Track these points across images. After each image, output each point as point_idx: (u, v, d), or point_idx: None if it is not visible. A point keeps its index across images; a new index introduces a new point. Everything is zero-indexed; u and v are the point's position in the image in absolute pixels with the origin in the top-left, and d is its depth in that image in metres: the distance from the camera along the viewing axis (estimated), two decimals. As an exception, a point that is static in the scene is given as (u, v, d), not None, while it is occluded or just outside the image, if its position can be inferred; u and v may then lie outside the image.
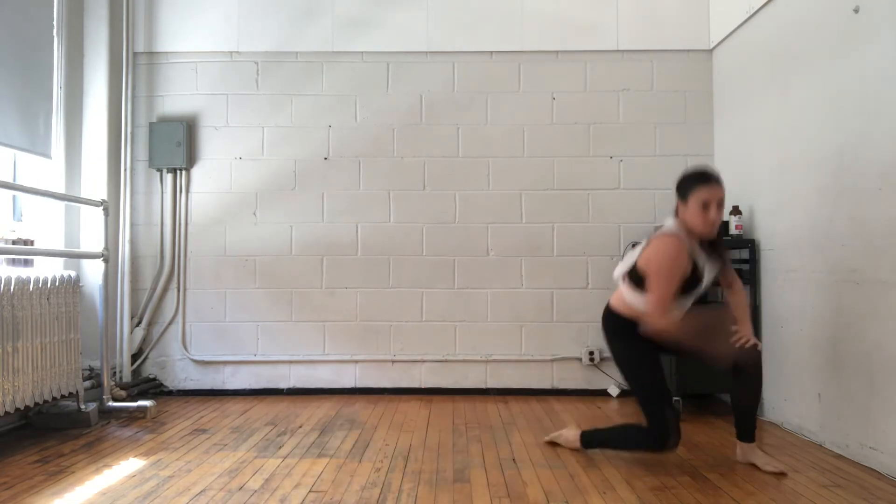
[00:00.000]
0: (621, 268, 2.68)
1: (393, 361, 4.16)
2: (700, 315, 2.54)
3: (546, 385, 4.15)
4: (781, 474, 2.54)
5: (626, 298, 2.63)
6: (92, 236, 3.88)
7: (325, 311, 4.18)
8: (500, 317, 4.17)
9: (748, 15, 3.65)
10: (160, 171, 4.22)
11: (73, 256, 3.62)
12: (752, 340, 2.58)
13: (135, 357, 4.12)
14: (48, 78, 3.73)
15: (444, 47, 4.23)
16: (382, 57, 4.24)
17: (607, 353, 4.11)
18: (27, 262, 3.54)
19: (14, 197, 3.65)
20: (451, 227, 4.20)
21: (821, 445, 2.97)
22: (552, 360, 4.16)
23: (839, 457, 2.80)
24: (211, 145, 4.23)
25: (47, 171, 3.73)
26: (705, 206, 2.44)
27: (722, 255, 2.61)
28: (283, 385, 4.17)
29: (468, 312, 4.17)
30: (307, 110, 4.23)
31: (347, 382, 4.18)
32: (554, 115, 4.22)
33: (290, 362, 4.17)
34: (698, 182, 2.47)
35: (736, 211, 3.63)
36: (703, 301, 3.78)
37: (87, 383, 3.56)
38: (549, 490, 2.39)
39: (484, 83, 4.23)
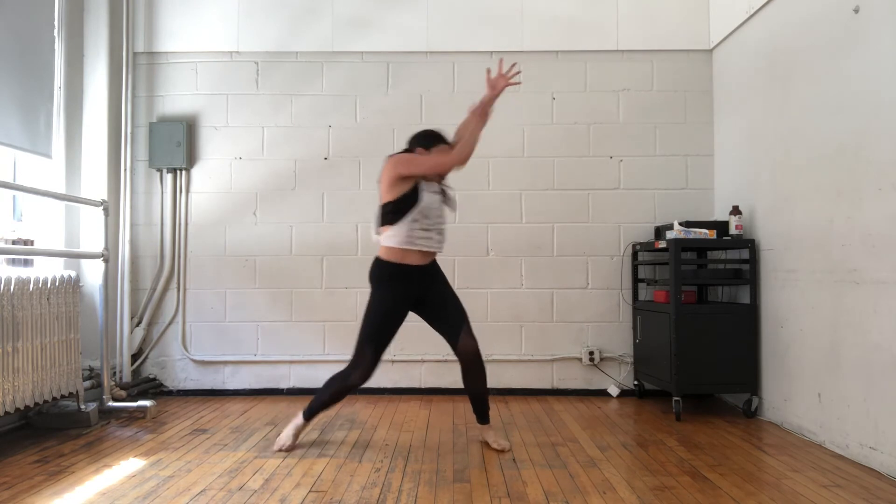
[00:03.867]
0: (374, 226, 2.95)
1: (393, 361, 4.16)
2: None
3: (546, 385, 4.15)
4: (503, 451, 2.87)
5: (384, 242, 2.84)
6: (92, 236, 3.88)
7: (325, 311, 4.18)
8: (500, 317, 4.17)
9: (748, 15, 3.65)
10: (160, 171, 4.22)
11: (73, 256, 3.62)
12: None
13: (135, 357, 4.12)
14: (49, 78, 3.73)
15: (444, 47, 4.23)
16: (382, 57, 4.25)
17: (607, 353, 4.14)
18: (27, 262, 3.54)
19: (14, 197, 3.65)
20: (451, 227, 4.19)
21: (821, 445, 2.97)
22: (552, 360, 4.16)
23: (839, 457, 2.80)
24: (211, 145, 4.23)
25: (47, 170, 3.73)
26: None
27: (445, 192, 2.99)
28: (283, 385, 4.17)
29: (468, 312, 4.16)
30: (307, 110, 4.23)
31: (347, 382, 4.17)
32: (554, 115, 4.22)
33: (290, 362, 4.17)
34: (439, 140, 2.93)
35: (736, 211, 3.63)
36: (704, 301, 3.79)
37: (87, 383, 3.56)
38: (549, 490, 2.39)
39: (484, 83, 4.21)
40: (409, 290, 2.86)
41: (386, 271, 2.84)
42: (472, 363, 2.92)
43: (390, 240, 2.81)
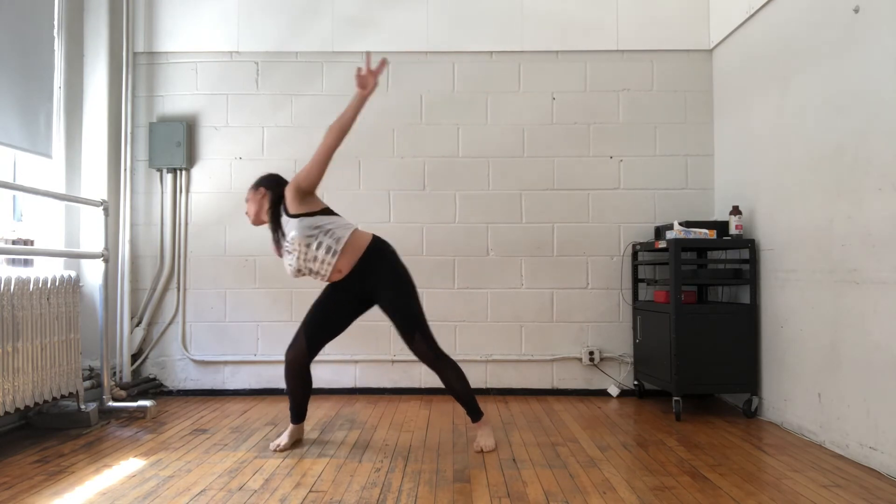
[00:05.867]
0: None
1: (393, 361, 4.16)
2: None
3: (546, 385, 4.15)
4: (482, 451, 2.87)
5: None
6: (92, 236, 3.88)
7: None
8: (500, 317, 4.17)
9: (748, 15, 3.66)
10: (160, 171, 4.22)
11: (73, 256, 3.62)
12: None
13: (135, 357, 4.12)
14: (48, 78, 3.73)
15: (444, 47, 4.23)
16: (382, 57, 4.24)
17: (607, 353, 4.14)
18: (27, 262, 3.54)
19: (14, 197, 3.65)
20: (451, 227, 4.20)
21: (821, 445, 2.97)
22: (552, 360, 4.16)
23: (839, 457, 2.80)
24: (211, 145, 4.24)
25: (47, 170, 3.73)
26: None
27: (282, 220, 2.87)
28: (283, 385, 4.16)
29: (468, 312, 4.17)
30: (307, 110, 4.23)
31: (347, 382, 4.18)
32: (554, 115, 4.22)
33: (290, 362, 4.16)
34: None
35: (736, 211, 3.63)
36: (704, 301, 3.79)
37: (87, 383, 3.56)
38: (549, 490, 2.39)
39: (484, 83, 4.23)
40: (335, 290, 2.94)
41: None
42: (432, 366, 2.88)
43: None
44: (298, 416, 3.02)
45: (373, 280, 2.84)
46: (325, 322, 2.94)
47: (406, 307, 2.84)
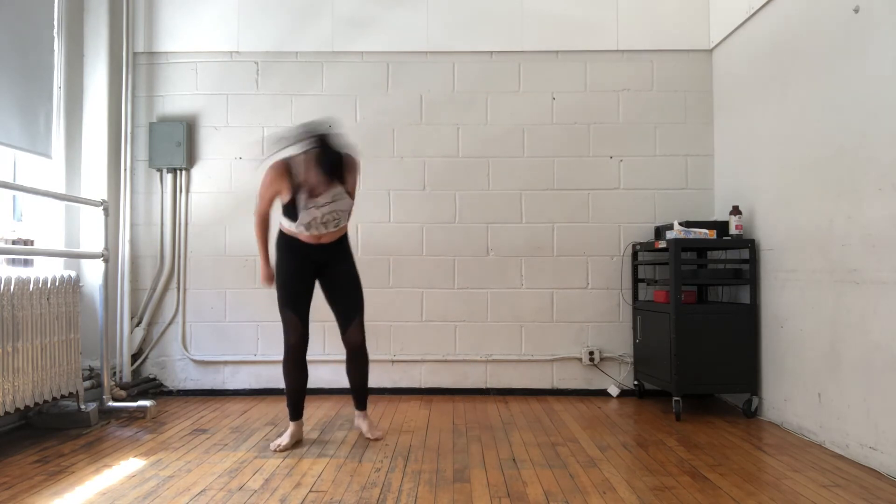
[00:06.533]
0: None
1: (393, 361, 4.16)
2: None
3: (546, 385, 4.15)
4: (377, 440, 3.06)
5: (284, 223, 3.04)
6: (92, 236, 3.88)
7: (324, 311, 4.15)
8: (500, 317, 4.17)
9: (748, 15, 3.66)
10: (160, 171, 4.22)
11: (73, 256, 3.62)
12: None
13: (135, 357, 4.12)
14: (48, 78, 3.73)
15: (444, 47, 4.23)
16: (382, 57, 4.25)
17: (607, 353, 4.14)
18: (27, 262, 3.54)
19: (14, 197, 3.65)
20: (451, 227, 4.20)
21: (821, 445, 2.97)
22: (552, 360, 4.16)
23: (839, 457, 2.80)
24: (211, 145, 4.23)
25: (47, 171, 3.73)
26: None
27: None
28: (283, 385, 4.15)
29: (468, 312, 4.17)
30: (307, 110, 4.23)
31: (347, 382, 4.16)
32: (554, 115, 4.22)
33: (290, 362, 4.16)
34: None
35: (736, 211, 3.63)
36: (704, 300, 3.79)
37: (87, 383, 3.56)
38: (549, 490, 2.39)
39: (484, 83, 4.23)
40: (300, 258, 3.03)
41: (281, 239, 3.08)
42: (355, 354, 3.13)
43: (285, 223, 3.05)
44: (297, 410, 3.05)
45: (334, 258, 3.06)
46: (302, 294, 3.06)
47: (359, 290, 3.11)
